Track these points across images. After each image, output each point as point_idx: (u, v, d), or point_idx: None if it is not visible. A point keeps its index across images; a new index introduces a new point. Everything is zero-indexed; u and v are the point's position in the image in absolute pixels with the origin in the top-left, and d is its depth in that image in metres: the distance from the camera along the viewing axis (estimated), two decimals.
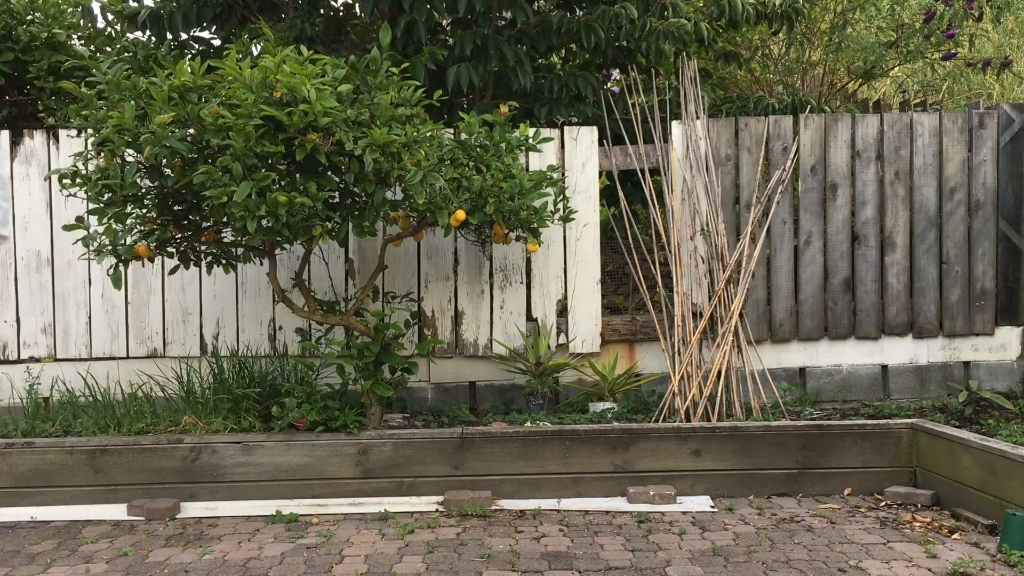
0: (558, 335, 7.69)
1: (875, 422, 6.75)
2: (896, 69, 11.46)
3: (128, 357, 7.66)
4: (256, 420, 6.86)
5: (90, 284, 7.64)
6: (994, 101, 11.90)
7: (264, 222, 5.74)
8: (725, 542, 5.65)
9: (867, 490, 6.62)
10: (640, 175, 7.78)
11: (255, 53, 8.34)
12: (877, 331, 7.82)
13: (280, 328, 7.66)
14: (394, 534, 5.91)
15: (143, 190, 6.03)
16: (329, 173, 6.03)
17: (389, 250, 7.17)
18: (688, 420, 7.04)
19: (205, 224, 6.32)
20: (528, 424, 6.83)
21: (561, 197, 7.16)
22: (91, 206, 6.09)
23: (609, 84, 9.47)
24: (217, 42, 9.08)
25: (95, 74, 5.97)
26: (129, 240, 6.19)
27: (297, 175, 5.91)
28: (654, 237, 7.79)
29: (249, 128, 5.46)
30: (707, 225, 7.51)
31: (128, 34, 9.03)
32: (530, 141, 6.94)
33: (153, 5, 8.60)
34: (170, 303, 7.66)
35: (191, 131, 5.75)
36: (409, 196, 6.10)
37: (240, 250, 6.68)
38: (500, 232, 6.75)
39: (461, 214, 6.35)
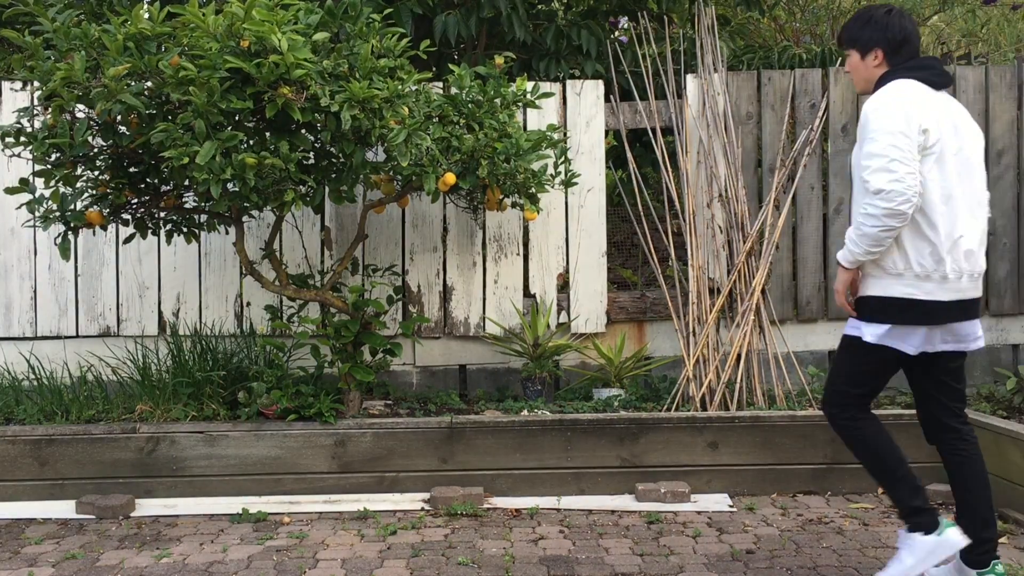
0: (559, 313, 7.66)
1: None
2: (935, 18, 11.42)
3: (78, 336, 7.62)
4: (220, 407, 6.83)
5: (35, 254, 7.59)
6: None
7: (230, 186, 5.70)
8: (745, 546, 5.64)
9: None
10: (651, 135, 7.72)
11: None
12: None
13: (248, 304, 7.63)
14: (374, 535, 5.90)
15: (95, 150, 5.98)
16: (303, 132, 5.98)
17: (370, 217, 7.12)
18: (704, 409, 7.02)
19: (164, 188, 6.27)
20: (525, 412, 6.81)
21: (563, 159, 7.11)
22: (37, 167, 6.04)
23: (617, 33, 9.41)
24: None
25: (41, 21, 5.91)
26: (79, 205, 6.13)
27: (267, 134, 5.86)
28: (666, 204, 7.75)
29: (213, 81, 5.40)
30: (725, 191, 7.46)
31: None
32: (528, 96, 6.88)
33: None
34: (125, 276, 7.62)
35: (149, 84, 5.69)
36: (392, 157, 6.04)
37: (203, 217, 6.65)
38: (494, 198, 6.70)
39: (451, 178, 6.30)
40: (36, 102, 6.02)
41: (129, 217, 6.43)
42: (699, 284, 7.35)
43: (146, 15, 5.82)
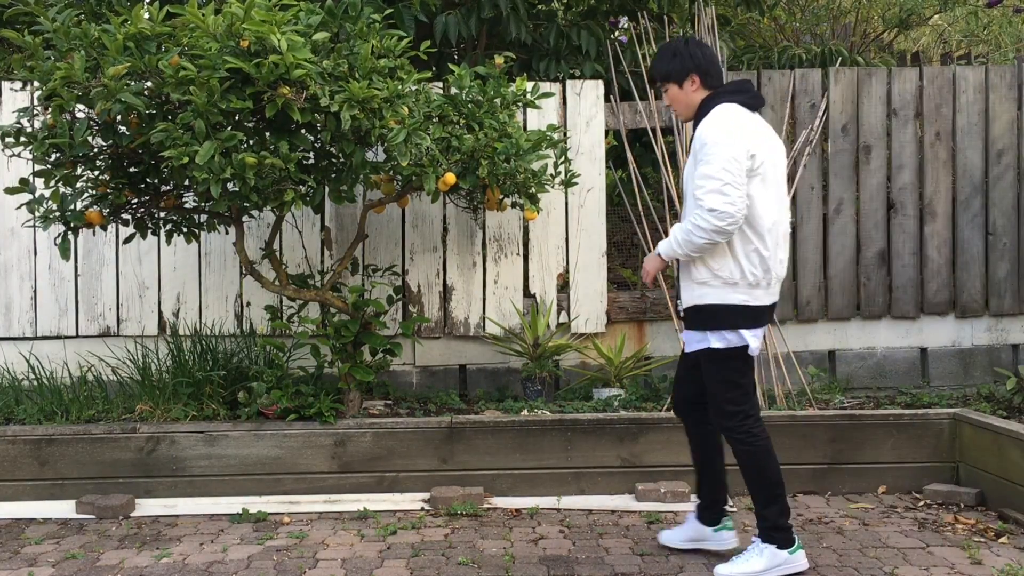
0: (559, 313, 7.66)
1: (913, 412, 6.73)
2: (936, 17, 11.41)
3: (78, 336, 7.62)
4: (220, 407, 6.83)
5: (35, 254, 7.59)
6: None
7: (230, 186, 5.69)
8: (745, 545, 5.62)
9: (904, 488, 6.61)
10: (651, 135, 7.71)
11: None
12: (915, 310, 7.80)
13: (248, 304, 7.62)
14: (374, 535, 5.89)
15: (95, 150, 5.97)
16: (303, 132, 5.97)
17: (370, 217, 7.12)
18: None
19: (164, 188, 6.27)
20: (525, 412, 6.80)
21: (563, 159, 7.11)
22: (37, 167, 6.04)
23: (616, 33, 9.40)
24: None
25: (41, 21, 5.90)
26: (79, 205, 6.13)
27: (267, 134, 5.85)
28: (666, 204, 7.74)
29: (213, 81, 5.39)
30: None
31: None
32: (528, 96, 6.87)
33: None
34: (125, 276, 7.62)
35: (148, 84, 5.69)
36: (392, 157, 6.04)
37: (203, 217, 6.64)
38: (494, 198, 6.70)
39: (450, 177, 6.30)
40: (36, 102, 6.02)
41: (129, 217, 6.43)
42: None
43: (146, 15, 5.81)
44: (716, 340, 5.08)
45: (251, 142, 5.73)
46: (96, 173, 6.10)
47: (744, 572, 5.05)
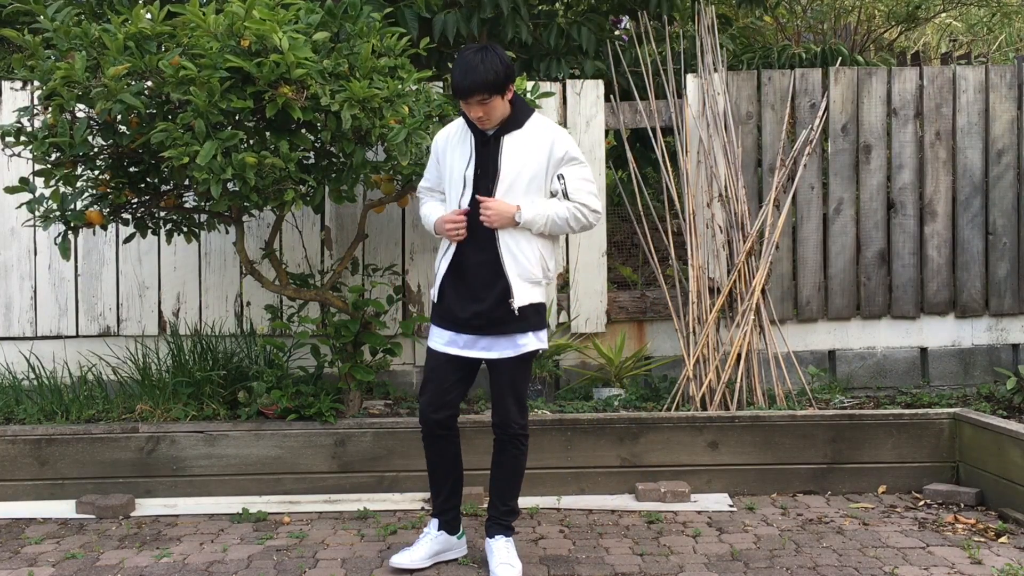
0: (559, 313, 7.66)
1: (913, 412, 6.73)
2: (943, 16, 11.41)
3: (78, 336, 7.62)
4: (220, 407, 6.83)
5: (35, 254, 7.60)
6: None
7: (230, 185, 5.69)
8: (745, 545, 5.64)
9: (904, 488, 6.61)
10: (651, 134, 7.72)
11: None
12: (915, 310, 7.80)
13: (248, 304, 7.62)
14: (374, 535, 5.90)
15: (95, 149, 5.97)
16: (303, 131, 5.98)
17: (370, 217, 7.11)
18: (704, 409, 7.02)
19: (164, 188, 6.27)
20: None
21: None
22: (37, 167, 6.04)
23: (617, 33, 9.40)
24: None
25: (41, 20, 5.91)
26: (79, 205, 6.13)
27: (267, 133, 5.86)
28: (666, 204, 7.75)
29: (214, 81, 5.40)
30: (726, 190, 7.45)
31: None
32: (528, 96, 6.88)
33: None
34: (125, 276, 7.62)
35: (149, 84, 5.69)
36: (392, 157, 6.04)
37: (203, 217, 6.64)
38: None
39: None
40: (36, 101, 6.02)
41: (129, 217, 6.43)
42: (699, 284, 7.35)
43: (146, 15, 5.81)
44: (544, 339, 5.31)
45: (251, 142, 5.73)
46: (96, 173, 6.11)
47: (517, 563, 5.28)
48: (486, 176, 5.10)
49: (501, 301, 5.09)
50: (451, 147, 5.28)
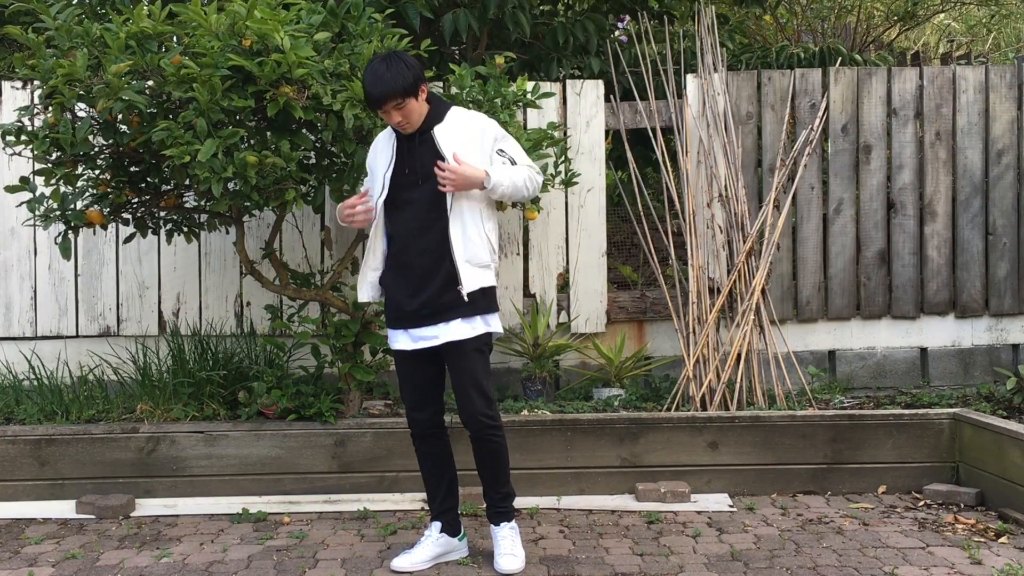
0: (559, 313, 7.66)
1: (913, 412, 6.73)
2: (941, 16, 11.41)
3: (78, 336, 7.62)
4: (220, 407, 6.83)
5: (36, 254, 7.60)
6: None
7: (231, 185, 5.70)
8: (745, 546, 5.64)
9: (904, 488, 6.61)
10: (651, 134, 7.71)
11: None
12: (915, 310, 7.80)
13: (248, 304, 7.62)
14: (374, 535, 5.90)
15: (96, 148, 5.98)
16: (304, 131, 5.99)
17: None
18: (704, 409, 7.01)
19: (165, 187, 6.27)
20: (525, 412, 6.80)
21: (563, 159, 7.12)
22: (38, 166, 6.05)
23: (617, 33, 9.40)
24: None
25: (43, 19, 5.91)
26: (80, 205, 6.14)
27: (268, 133, 5.86)
28: (666, 204, 7.75)
29: (215, 80, 5.40)
30: (726, 191, 7.45)
31: None
32: (528, 96, 6.87)
33: None
34: (125, 276, 7.62)
35: (150, 83, 5.70)
36: None
37: (204, 217, 6.64)
38: None
39: None
40: (37, 100, 6.02)
41: (129, 216, 6.43)
42: (699, 284, 7.34)
43: (147, 13, 5.81)
44: (495, 323, 5.31)
45: (252, 141, 5.74)
46: (97, 172, 6.11)
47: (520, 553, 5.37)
48: (414, 173, 5.14)
49: (448, 287, 5.12)
50: (376, 154, 5.34)
